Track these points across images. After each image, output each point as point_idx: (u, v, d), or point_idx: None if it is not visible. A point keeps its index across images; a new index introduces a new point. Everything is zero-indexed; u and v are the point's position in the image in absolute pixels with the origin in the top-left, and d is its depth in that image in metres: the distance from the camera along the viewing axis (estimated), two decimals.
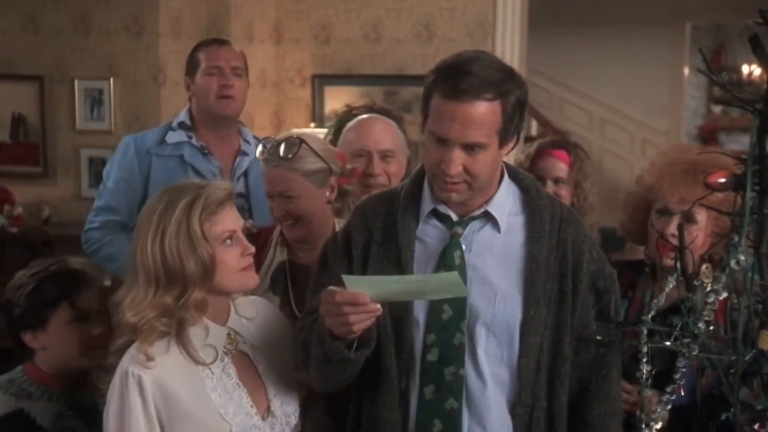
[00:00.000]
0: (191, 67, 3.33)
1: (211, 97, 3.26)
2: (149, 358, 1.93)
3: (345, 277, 1.85)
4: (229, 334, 2.07)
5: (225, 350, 2.05)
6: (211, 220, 1.98)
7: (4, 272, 4.94)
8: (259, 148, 2.65)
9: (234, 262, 2.02)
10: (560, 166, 3.06)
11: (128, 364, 1.94)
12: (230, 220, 2.03)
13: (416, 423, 2.04)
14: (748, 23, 1.58)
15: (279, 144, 2.58)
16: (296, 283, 2.57)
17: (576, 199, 3.08)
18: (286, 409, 2.12)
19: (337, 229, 2.60)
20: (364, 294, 1.82)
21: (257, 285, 2.17)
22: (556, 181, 3.05)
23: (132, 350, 1.95)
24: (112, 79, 4.92)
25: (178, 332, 1.97)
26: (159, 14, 4.82)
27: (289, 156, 2.57)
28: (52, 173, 5.14)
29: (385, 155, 2.86)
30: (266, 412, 2.08)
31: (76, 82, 4.98)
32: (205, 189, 2.00)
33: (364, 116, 3.11)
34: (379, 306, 1.84)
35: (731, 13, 8.73)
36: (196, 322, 1.99)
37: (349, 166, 2.68)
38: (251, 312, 2.15)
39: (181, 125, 3.34)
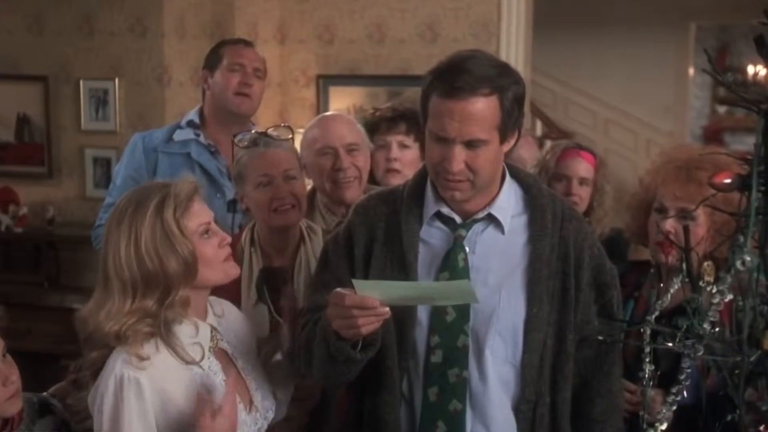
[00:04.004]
0: (212, 62, 3.35)
1: (230, 92, 3.28)
2: (142, 358, 1.90)
3: (355, 282, 1.84)
4: (211, 331, 2.07)
5: (209, 347, 2.04)
6: (186, 216, 1.97)
7: (9, 272, 4.97)
8: (239, 137, 2.68)
9: (213, 253, 2.01)
10: (587, 167, 3.08)
11: (121, 368, 1.90)
12: (203, 213, 2.02)
13: (420, 424, 2.05)
14: (753, 23, 1.58)
15: (268, 130, 2.67)
16: (273, 288, 2.56)
17: (595, 203, 3.09)
18: (266, 404, 2.14)
19: (303, 230, 2.62)
20: (373, 298, 1.82)
21: (238, 274, 2.16)
22: (582, 181, 3.06)
23: (122, 355, 1.92)
24: (116, 80, 4.92)
25: (164, 333, 1.95)
26: (163, 15, 4.82)
27: (290, 136, 2.68)
28: (57, 173, 5.13)
29: (350, 149, 2.85)
30: (249, 406, 2.09)
31: (80, 82, 4.98)
32: (172, 187, 1.98)
33: (325, 114, 3.14)
34: (388, 309, 1.84)
35: (736, 14, 8.71)
36: (182, 319, 1.98)
37: None
38: (219, 310, 2.15)
39: (190, 123, 3.37)
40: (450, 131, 1.94)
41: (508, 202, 2.09)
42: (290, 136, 2.75)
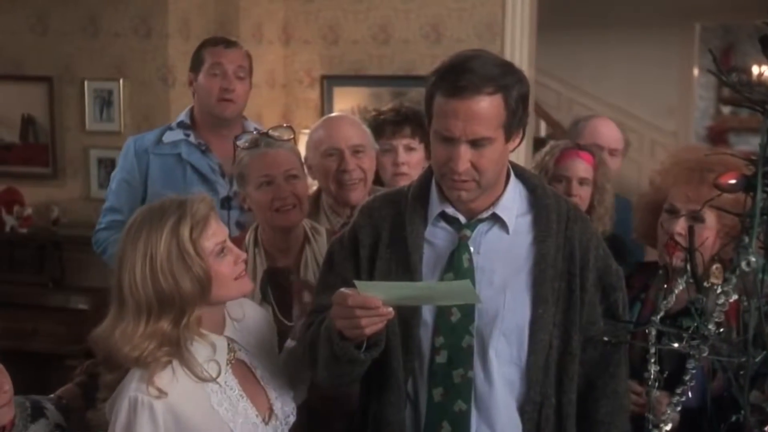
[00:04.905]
0: (195, 65, 3.36)
1: (212, 98, 3.29)
2: (162, 392, 1.89)
3: (357, 283, 1.85)
4: (228, 344, 2.06)
5: (226, 361, 2.04)
6: (203, 237, 1.96)
7: (14, 273, 4.97)
8: (242, 139, 2.69)
9: (229, 271, 2.00)
10: (586, 167, 3.07)
11: (136, 391, 1.90)
12: (219, 232, 2.01)
13: (425, 425, 2.05)
14: (758, 24, 1.57)
15: (269, 130, 2.68)
16: (277, 288, 2.57)
17: (596, 202, 3.08)
18: (286, 409, 2.13)
19: (307, 230, 2.62)
20: (376, 298, 1.82)
21: (252, 290, 2.16)
22: (582, 182, 3.05)
23: (136, 377, 1.92)
24: (121, 80, 4.92)
25: (181, 355, 1.94)
26: (167, 15, 4.82)
27: (291, 137, 2.70)
28: (62, 174, 5.13)
29: (356, 150, 2.85)
30: (268, 415, 2.08)
31: (85, 83, 4.98)
32: (188, 207, 1.97)
33: (331, 115, 3.13)
34: (391, 309, 1.84)
35: (740, 14, 8.70)
36: (196, 337, 1.97)
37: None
38: (239, 313, 2.14)
39: (180, 124, 3.38)
40: (455, 131, 1.94)
41: (513, 202, 2.09)
42: (291, 136, 2.76)
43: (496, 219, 2.07)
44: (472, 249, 2.05)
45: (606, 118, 3.63)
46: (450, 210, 2.07)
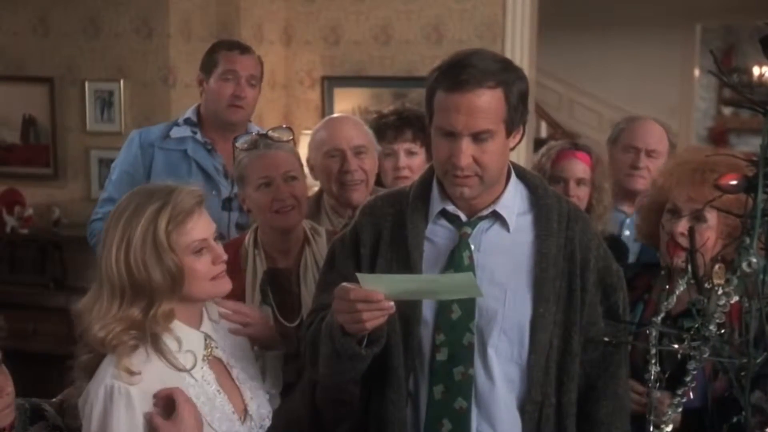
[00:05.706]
0: (207, 66, 3.35)
1: (223, 103, 3.29)
2: (132, 373, 1.86)
3: (359, 275, 1.85)
4: (205, 339, 2.03)
5: (203, 356, 2.01)
6: (179, 231, 1.91)
7: (15, 274, 4.98)
8: (241, 140, 2.68)
9: (205, 270, 1.96)
10: (583, 167, 3.07)
11: (112, 378, 1.86)
12: (200, 229, 1.96)
13: (426, 423, 2.05)
14: (759, 24, 1.57)
15: (268, 131, 2.67)
16: (277, 289, 2.57)
17: (594, 201, 3.08)
18: (261, 412, 2.11)
19: (307, 231, 2.62)
20: (378, 292, 1.83)
21: (229, 291, 2.09)
22: (579, 182, 3.05)
23: (112, 365, 1.88)
24: (122, 81, 4.92)
25: (153, 341, 1.91)
26: (169, 16, 4.82)
27: (291, 138, 2.68)
28: (63, 175, 5.13)
29: (358, 151, 2.85)
30: (243, 416, 2.06)
31: (86, 83, 4.98)
32: (174, 196, 1.92)
33: (333, 115, 3.12)
34: (392, 304, 1.85)
35: (741, 15, 8.70)
36: (165, 331, 1.93)
37: None
38: (215, 315, 2.12)
39: (187, 121, 3.39)
40: (457, 125, 1.94)
41: (514, 201, 2.09)
42: (291, 137, 2.75)
43: (496, 217, 2.07)
44: (472, 246, 2.05)
45: (649, 119, 3.50)
46: (451, 207, 2.07)
